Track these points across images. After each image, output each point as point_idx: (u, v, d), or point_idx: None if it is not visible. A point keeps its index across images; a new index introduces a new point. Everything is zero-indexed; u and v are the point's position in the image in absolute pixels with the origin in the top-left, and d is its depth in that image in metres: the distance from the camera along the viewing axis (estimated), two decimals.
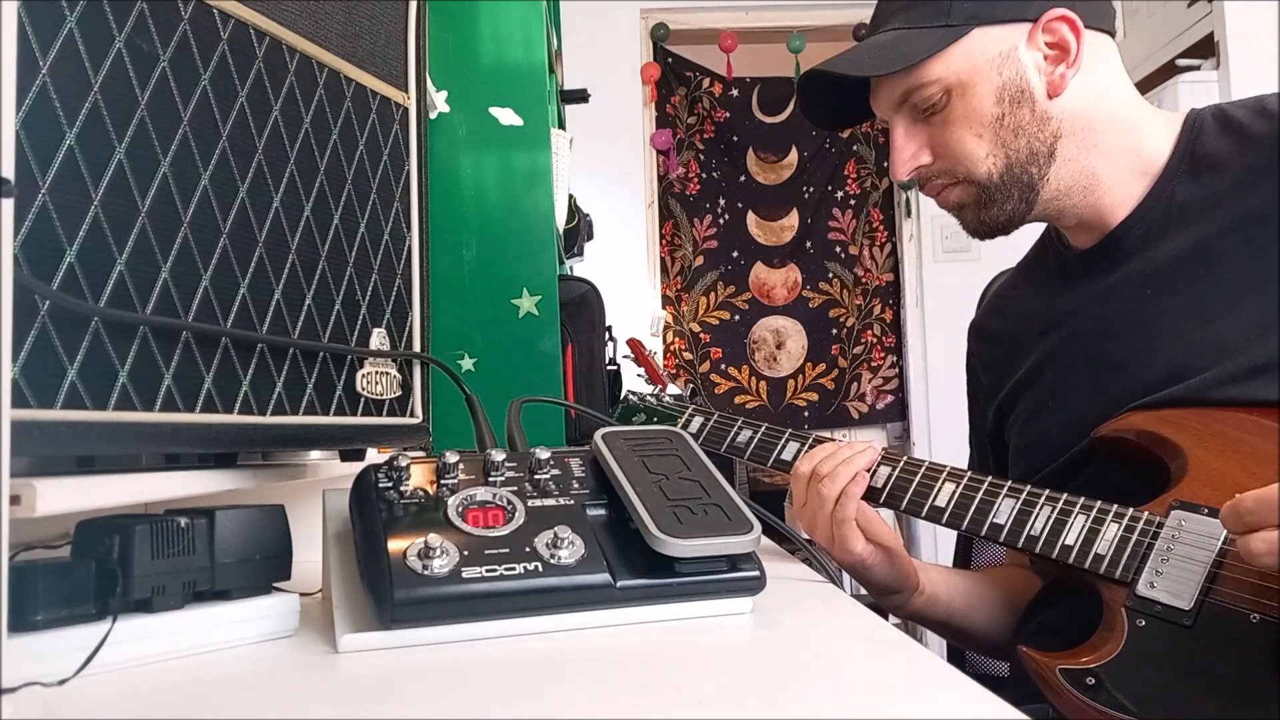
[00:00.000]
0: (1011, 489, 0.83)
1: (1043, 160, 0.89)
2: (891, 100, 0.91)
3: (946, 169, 0.92)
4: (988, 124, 0.88)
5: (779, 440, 0.99)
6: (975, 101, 0.88)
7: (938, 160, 0.92)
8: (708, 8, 3.80)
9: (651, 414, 1.12)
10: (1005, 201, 0.91)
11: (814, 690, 0.48)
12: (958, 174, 0.91)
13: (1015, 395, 0.99)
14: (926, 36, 0.88)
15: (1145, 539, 0.76)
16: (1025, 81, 0.88)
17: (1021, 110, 0.88)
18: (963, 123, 0.89)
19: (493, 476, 0.65)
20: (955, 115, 0.89)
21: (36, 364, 0.48)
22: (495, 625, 0.57)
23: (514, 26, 1.53)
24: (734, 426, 1.02)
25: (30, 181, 0.48)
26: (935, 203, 0.96)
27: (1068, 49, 0.88)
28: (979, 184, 0.91)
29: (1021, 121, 0.88)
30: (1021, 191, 0.90)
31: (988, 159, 0.89)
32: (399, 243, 0.81)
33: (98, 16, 0.52)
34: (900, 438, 3.85)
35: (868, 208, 3.90)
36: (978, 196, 0.91)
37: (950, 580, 0.99)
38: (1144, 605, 0.74)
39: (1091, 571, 0.77)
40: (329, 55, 0.73)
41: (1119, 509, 0.79)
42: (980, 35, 0.87)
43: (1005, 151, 0.89)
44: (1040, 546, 0.79)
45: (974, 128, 0.89)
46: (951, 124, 0.89)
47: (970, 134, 0.89)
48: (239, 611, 0.57)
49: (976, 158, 0.89)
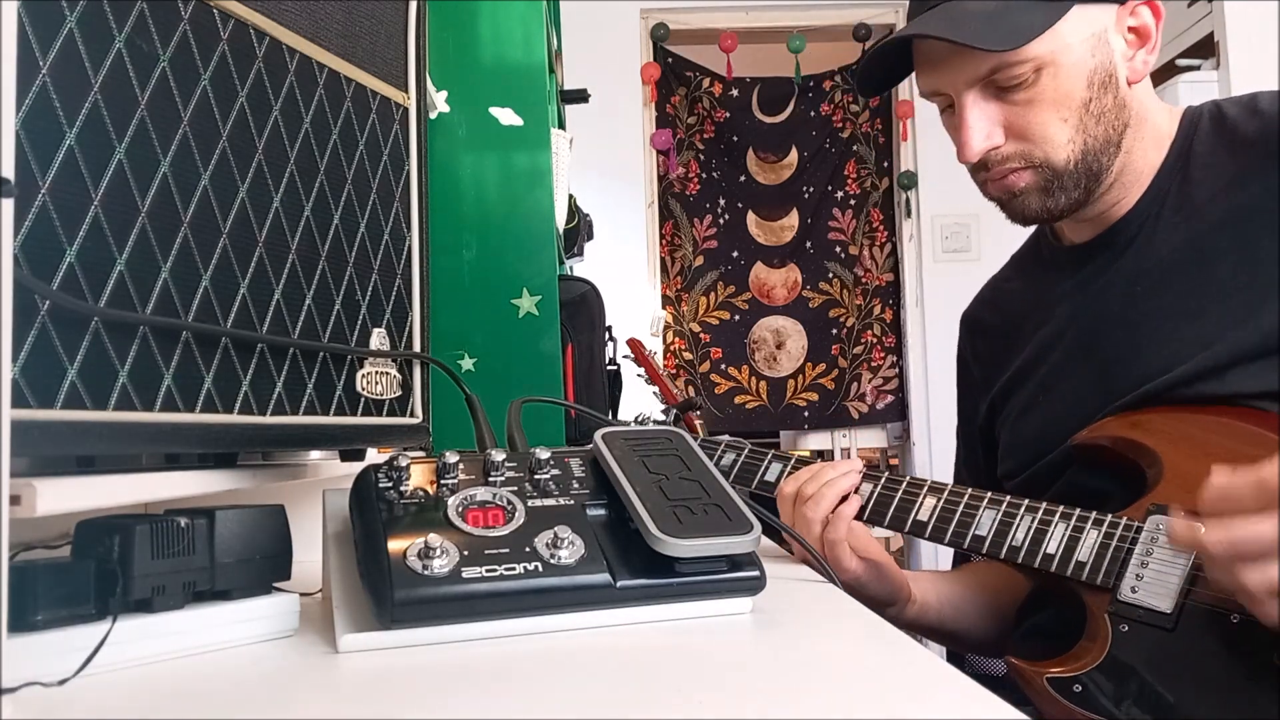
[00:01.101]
0: (992, 500, 0.83)
1: (1113, 150, 0.87)
2: (975, 74, 0.85)
3: (1022, 151, 0.86)
4: (1075, 108, 0.84)
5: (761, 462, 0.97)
6: (1068, 83, 0.84)
7: (1010, 140, 0.86)
8: (708, 8, 3.80)
9: None
10: (1073, 190, 0.87)
11: (814, 690, 0.48)
12: (1034, 157, 0.86)
13: (1008, 391, 0.99)
14: (1036, 9, 0.82)
15: (1124, 545, 0.77)
16: (1114, 66, 0.85)
17: (1107, 96, 0.85)
18: (1050, 104, 0.84)
19: (493, 476, 0.65)
20: (1044, 95, 0.84)
21: (36, 364, 0.48)
22: (495, 625, 0.57)
23: (514, 26, 1.52)
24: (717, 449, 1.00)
25: (30, 181, 0.48)
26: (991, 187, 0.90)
27: (1148, 35, 0.85)
28: (1054, 169, 0.86)
29: (1105, 107, 0.85)
30: (1089, 181, 0.87)
31: (1069, 144, 0.85)
32: (399, 243, 0.81)
33: (98, 16, 0.52)
34: (900, 438, 3.85)
35: (868, 208, 3.90)
36: (1047, 183, 0.87)
37: (938, 586, 0.99)
38: (1126, 610, 0.74)
39: (1074, 579, 0.77)
40: (329, 55, 0.73)
41: (1098, 516, 0.79)
42: (1078, 13, 0.84)
43: (1085, 137, 0.85)
44: (1022, 557, 0.80)
45: (1061, 110, 0.84)
46: (1038, 104, 0.84)
47: (1057, 116, 0.84)
48: (239, 611, 0.57)
49: (1059, 142, 0.85)
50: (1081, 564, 0.77)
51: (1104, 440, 0.84)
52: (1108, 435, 0.84)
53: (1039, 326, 0.96)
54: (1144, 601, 0.74)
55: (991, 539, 0.82)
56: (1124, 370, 0.86)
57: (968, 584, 1.02)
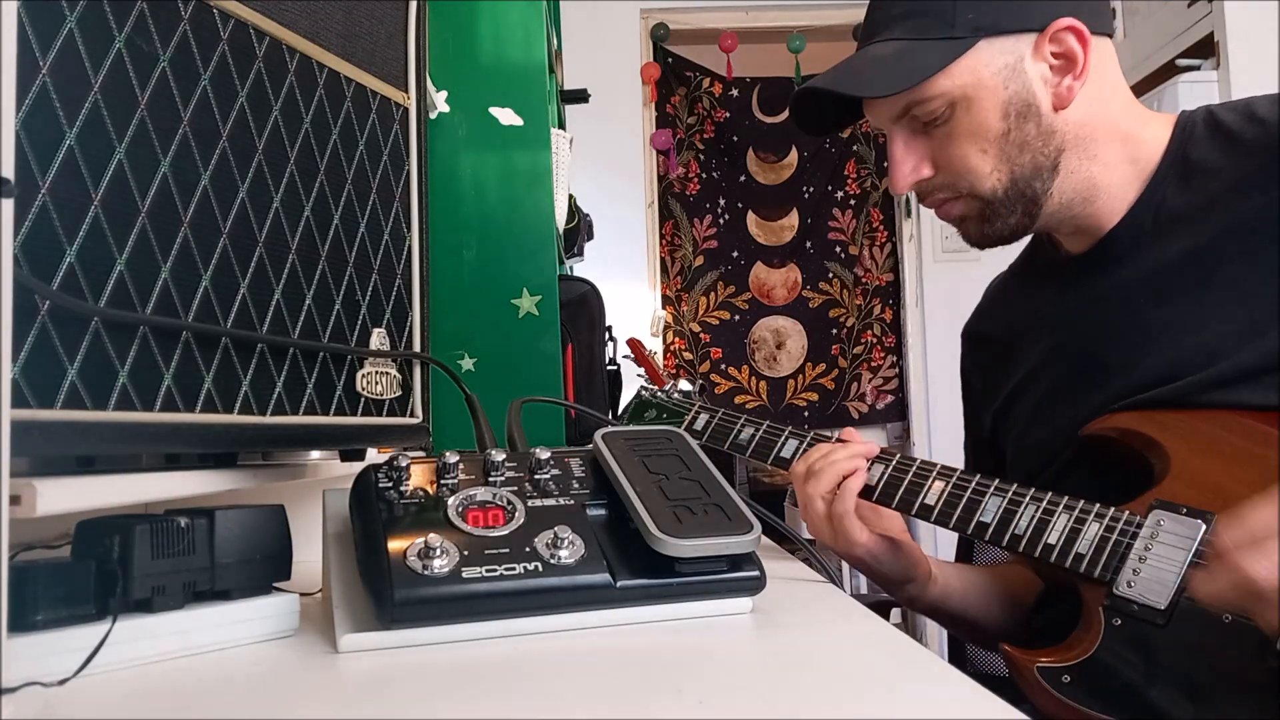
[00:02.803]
0: (998, 488, 0.83)
1: (1047, 174, 0.87)
2: (891, 113, 0.88)
3: (949, 182, 0.89)
4: (993, 139, 0.86)
5: (779, 438, 0.99)
6: (980, 116, 0.85)
7: (939, 173, 0.89)
8: (708, 8, 3.80)
9: (662, 409, 1.14)
10: (1009, 216, 0.88)
11: (814, 690, 0.48)
12: (960, 188, 0.89)
13: (1010, 404, 0.99)
14: (932, 49, 0.84)
15: (1125, 539, 0.76)
16: (1032, 95, 0.85)
17: (1028, 125, 0.86)
18: (967, 137, 0.86)
19: (493, 476, 0.65)
20: (959, 129, 0.86)
21: (36, 364, 0.48)
22: (495, 625, 0.58)
23: (514, 26, 1.52)
24: (737, 424, 1.03)
25: (30, 181, 0.48)
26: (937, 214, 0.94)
27: (1075, 59, 0.85)
28: (983, 199, 0.88)
29: (1027, 136, 0.86)
30: (1025, 206, 0.88)
31: (992, 174, 0.87)
32: (399, 243, 0.81)
33: (98, 16, 0.52)
34: (900, 438, 3.84)
35: (868, 208, 3.90)
36: (980, 211, 0.89)
37: (963, 575, 0.99)
38: (1121, 604, 0.74)
39: (1072, 570, 0.77)
40: (329, 55, 0.73)
41: (1100, 508, 0.79)
42: (986, 46, 0.84)
43: (1010, 167, 0.86)
44: (1024, 545, 0.80)
45: (978, 142, 0.86)
46: (955, 138, 0.86)
47: (975, 149, 0.86)
48: (239, 611, 0.57)
49: (981, 173, 0.87)
50: (1081, 556, 0.77)
51: (1113, 432, 0.84)
52: (1116, 426, 0.84)
53: (1039, 339, 0.96)
54: (1139, 596, 0.73)
55: (995, 526, 0.82)
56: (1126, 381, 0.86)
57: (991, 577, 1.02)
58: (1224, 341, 0.82)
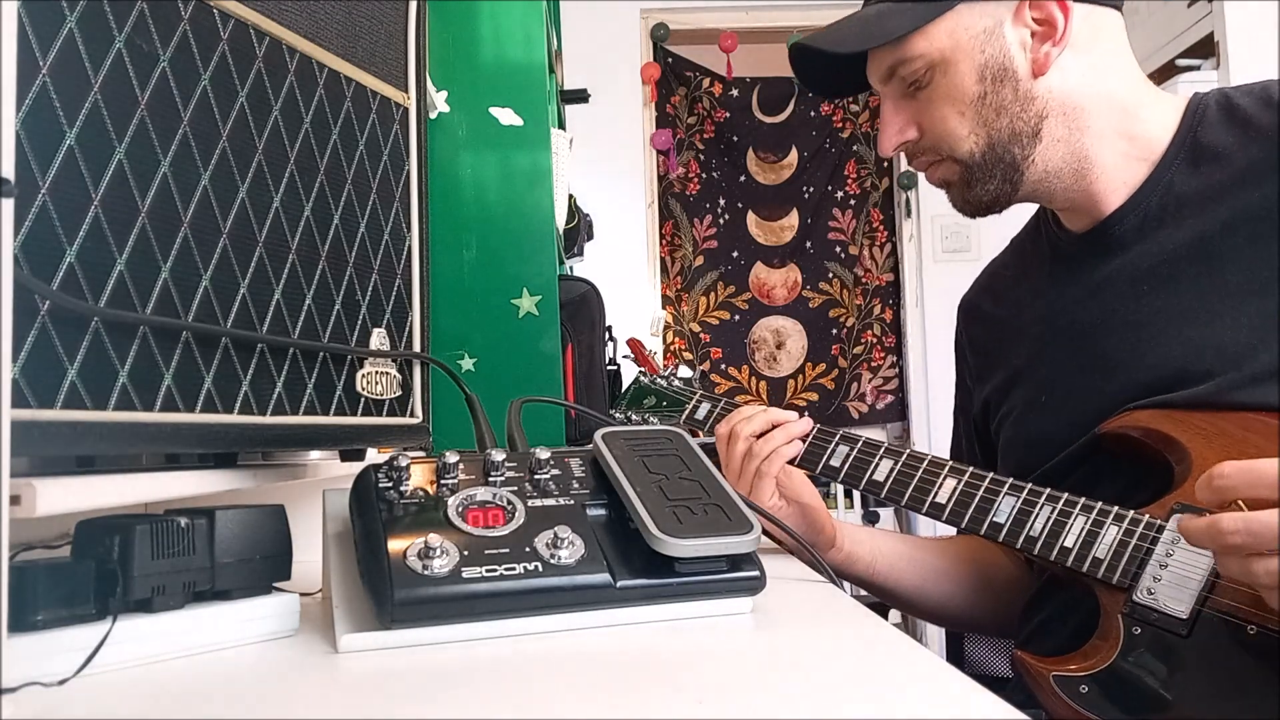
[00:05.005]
0: (1013, 487, 0.82)
1: (1026, 140, 0.88)
2: (880, 73, 0.91)
3: (932, 145, 0.91)
4: (969, 102, 0.87)
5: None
6: (957, 78, 0.87)
7: (924, 136, 0.91)
8: (708, 8, 3.80)
9: (661, 397, 1.13)
10: (988, 181, 0.89)
11: (814, 690, 0.48)
12: (941, 151, 0.90)
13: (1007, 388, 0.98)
14: (910, 11, 0.86)
15: (1145, 544, 0.74)
16: (1008, 59, 0.86)
17: (1004, 89, 0.86)
18: (945, 100, 0.88)
19: (493, 476, 0.65)
20: (939, 92, 0.88)
21: (36, 364, 0.48)
22: (495, 625, 0.57)
23: (514, 26, 1.52)
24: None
25: (30, 181, 0.48)
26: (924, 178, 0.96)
27: (1055, 26, 0.85)
28: (962, 162, 0.90)
29: (1004, 100, 0.87)
30: (1005, 171, 0.89)
31: (970, 137, 0.88)
32: (399, 243, 0.81)
33: (98, 16, 0.52)
34: (900, 438, 3.84)
35: (868, 208, 3.90)
36: (962, 175, 0.90)
37: (877, 543, 0.99)
38: (1141, 612, 0.72)
39: (1090, 575, 0.76)
40: (329, 55, 0.73)
41: (1119, 511, 0.77)
42: (966, 10, 0.86)
43: (988, 130, 0.88)
44: (1039, 548, 0.78)
45: (956, 105, 0.88)
46: (935, 100, 0.88)
47: (953, 111, 0.88)
48: (239, 611, 0.57)
49: (959, 136, 0.88)
50: (1099, 560, 0.75)
51: (1135, 430, 0.81)
52: (1139, 425, 0.81)
53: (1040, 321, 0.95)
54: (1160, 605, 0.71)
55: (1009, 527, 0.80)
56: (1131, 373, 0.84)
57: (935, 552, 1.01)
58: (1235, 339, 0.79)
